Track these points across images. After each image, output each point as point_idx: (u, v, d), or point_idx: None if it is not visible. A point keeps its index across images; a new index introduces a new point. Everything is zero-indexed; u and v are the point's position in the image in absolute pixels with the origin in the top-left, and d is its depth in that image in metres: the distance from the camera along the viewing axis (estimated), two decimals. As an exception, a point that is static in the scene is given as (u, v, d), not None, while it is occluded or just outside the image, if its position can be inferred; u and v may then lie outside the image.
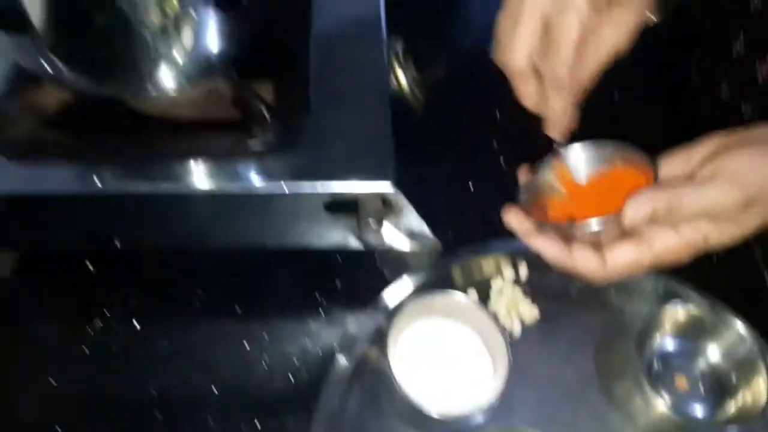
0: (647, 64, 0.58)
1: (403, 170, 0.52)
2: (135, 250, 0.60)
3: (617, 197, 0.45)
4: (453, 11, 0.76)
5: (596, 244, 0.46)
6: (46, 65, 0.50)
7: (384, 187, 0.50)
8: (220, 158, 0.53)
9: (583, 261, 0.45)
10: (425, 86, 0.59)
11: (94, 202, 0.54)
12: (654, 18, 0.49)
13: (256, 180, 0.52)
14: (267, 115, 0.53)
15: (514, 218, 0.49)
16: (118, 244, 0.58)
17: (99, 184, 0.52)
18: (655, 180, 0.46)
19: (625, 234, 0.46)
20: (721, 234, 0.44)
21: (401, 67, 0.59)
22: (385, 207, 0.52)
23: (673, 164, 0.47)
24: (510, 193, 0.51)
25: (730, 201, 0.42)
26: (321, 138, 0.53)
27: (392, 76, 0.58)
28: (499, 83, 0.72)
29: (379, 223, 0.51)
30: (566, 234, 0.46)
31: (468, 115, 0.70)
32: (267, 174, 0.52)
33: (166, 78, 0.50)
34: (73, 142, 0.54)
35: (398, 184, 0.50)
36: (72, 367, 0.58)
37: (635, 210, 0.43)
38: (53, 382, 0.56)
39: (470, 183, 0.65)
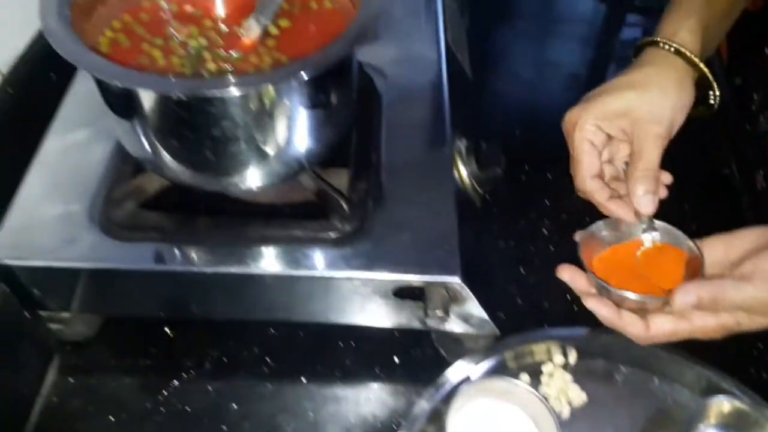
0: (691, 157, 0.65)
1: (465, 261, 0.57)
2: (211, 319, 0.65)
3: (659, 270, 0.55)
4: (510, 116, 0.83)
5: (641, 311, 0.53)
6: (150, 153, 0.57)
7: (452, 280, 0.55)
8: (300, 244, 0.58)
9: (630, 324, 0.53)
10: (484, 180, 0.65)
11: (180, 278, 0.59)
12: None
13: (331, 266, 0.57)
14: (345, 207, 0.58)
15: (567, 274, 0.56)
16: (196, 313, 0.63)
17: (188, 264, 0.58)
18: (701, 261, 0.53)
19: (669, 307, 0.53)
20: (752, 322, 0.51)
21: (463, 163, 0.64)
22: (450, 296, 0.56)
23: (715, 249, 0.54)
24: (556, 279, 0.56)
25: (766, 298, 0.49)
26: (392, 229, 0.59)
27: (455, 171, 0.63)
28: (549, 175, 0.77)
29: (445, 311, 0.56)
30: (617, 300, 0.53)
31: (521, 205, 0.75)
32: (342, 261, 0.57)
33: (258, 175, 0.56)
34: (168, 223, 0.60)
35: (465, 278, 0.55)
36: (149, 424, 0.62)
37: (683, 298, 0.50)
38: (134, 436, 0.61)
39: (521, 268, 0.69)
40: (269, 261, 0.58)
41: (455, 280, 0.55)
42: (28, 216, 0.60)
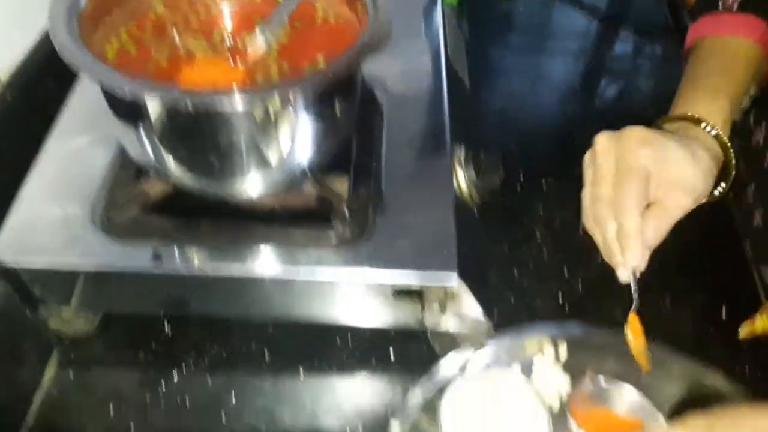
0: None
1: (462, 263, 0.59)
2: (210, 317, 0.66)
3: None
4: (507, 126, 0.85)
5: None
6: (154, 159, 0.57)
7: (450, 280, 0.57)
8: (301, 247, 0.59)
9: None
10: (482, 189, 0.66)
11: (180, 279, 0.60)
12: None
13: (332, 270, 0.58)
14: (346, 212, 0.60)
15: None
16: (195, 312, 0.64)
17: (189, 266, 0.59)
18: None
19: None
20: None
21: (463, 171, 0.66)
22: (448, 296, 0.59)
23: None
24: (548, 281, 0.57)
25: None
26: (392, 233, 0.60)
27: (454, 179, 0.65)
28: (543, 183, 0.80)
29: (442, 310, 0.58)
30: None
31: (516, 212, 0.78)
32: (343, 265, 0.58)
33: (262, 182, 0.57)
34: (169, 226, 0.60)
35: (462, 277, 0.57)
36: (148, 417, 0.63)
37: None
38: (133, 428, 0.62)
39: (515, 271, 0.72)
40: (270, 264, 0.59)
41: (453, 278, 0.57)
42: (29, 217, 0.61)
